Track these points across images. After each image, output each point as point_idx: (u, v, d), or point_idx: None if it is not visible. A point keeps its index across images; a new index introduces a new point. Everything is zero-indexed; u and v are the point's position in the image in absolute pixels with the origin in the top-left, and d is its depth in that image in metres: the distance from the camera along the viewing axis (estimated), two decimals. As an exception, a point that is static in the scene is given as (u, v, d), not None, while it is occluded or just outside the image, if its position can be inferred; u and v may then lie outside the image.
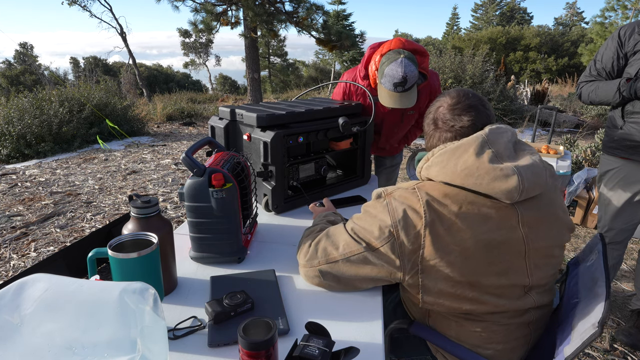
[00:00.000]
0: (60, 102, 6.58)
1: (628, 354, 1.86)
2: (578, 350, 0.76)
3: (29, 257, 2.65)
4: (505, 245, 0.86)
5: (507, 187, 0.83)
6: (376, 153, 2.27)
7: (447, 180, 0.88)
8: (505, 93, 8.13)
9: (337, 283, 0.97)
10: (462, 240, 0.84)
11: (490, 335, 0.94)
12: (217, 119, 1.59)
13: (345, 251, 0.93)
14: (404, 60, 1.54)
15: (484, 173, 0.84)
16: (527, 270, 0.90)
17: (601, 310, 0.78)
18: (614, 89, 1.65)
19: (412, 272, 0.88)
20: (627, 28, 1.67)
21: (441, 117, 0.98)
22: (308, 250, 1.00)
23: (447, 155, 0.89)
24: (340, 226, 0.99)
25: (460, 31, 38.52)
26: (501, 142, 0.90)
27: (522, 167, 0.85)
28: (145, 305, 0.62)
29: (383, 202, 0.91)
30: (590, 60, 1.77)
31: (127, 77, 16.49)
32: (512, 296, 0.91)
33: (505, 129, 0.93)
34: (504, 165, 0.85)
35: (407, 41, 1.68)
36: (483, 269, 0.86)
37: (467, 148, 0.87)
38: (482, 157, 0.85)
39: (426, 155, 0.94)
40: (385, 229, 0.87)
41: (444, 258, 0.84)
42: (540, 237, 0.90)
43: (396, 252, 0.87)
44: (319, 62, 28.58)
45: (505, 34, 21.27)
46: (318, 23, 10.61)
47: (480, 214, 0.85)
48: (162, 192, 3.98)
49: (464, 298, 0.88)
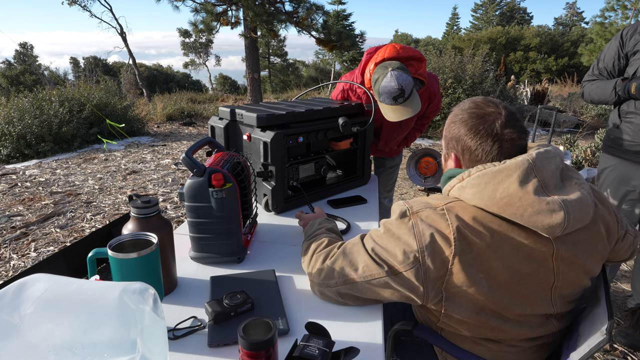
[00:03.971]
0: (60, 102, 6.58)
1: (628, 354, 1.86)
2: (585, 357, 0.76)
3: (29, 257, 2.65)
4: (533, 277, 0.81)
5: (551, 222, 0.75)
6: (376, 154, 2.27)
7: (482, 205, 0.79)
8: (505, 93, 8.13)
9: (355, 301, 0.92)
10: (490, 269, 0.79)
11: (504, 355, 0.91)
12: (217, 119, 1.59)
13: (366, 274, 0.86)
14: (393, 72, 1.52)
15: (527, 205, 0.75)
16: (551, 300, 0.85)
17: (605, 315, 0.77)
18: (611, 89, 1.67)
19: (436, 299, 0.82)
20: (630, 28, 1.69)
21: (500, 130, 0.85)
22: (322, 269, 0.94)
23: (486, 179, 0.80)
24: (359, 243, 0.91)
25: (460, 31, 38.53)
26: (548, 170, 0.80)
27: (569, 201, 0.76)
28: (145, 306, 0.62)
29: (408, 223, 0.82)
30: (594, 59, 1.80)
31: (127, 77, 16.48)
32: (534, 324, 0.87)
33: (555, 153, 0.83)
34: (551, 199, 0.76)
35: (401, 48, 1.65)
36: (508, 299, 0.81)
37: (511, 174, 0.78)
38: (526, 187, 0.76)
39: (461, 175, 0.85)
40: (411, 254, 0.80)
41: (470, 287, 0.79)
42: (572, 270, 0.83)
43: (420, 278, 0.80)
44: (319, 62, 28.59)
45: (505, 34, 21.27)
46: (318, 23, 10.60)
47: (513, 244, 0.78)
48: (162, 192, 3.98)
49: (487, 327, 0.85)
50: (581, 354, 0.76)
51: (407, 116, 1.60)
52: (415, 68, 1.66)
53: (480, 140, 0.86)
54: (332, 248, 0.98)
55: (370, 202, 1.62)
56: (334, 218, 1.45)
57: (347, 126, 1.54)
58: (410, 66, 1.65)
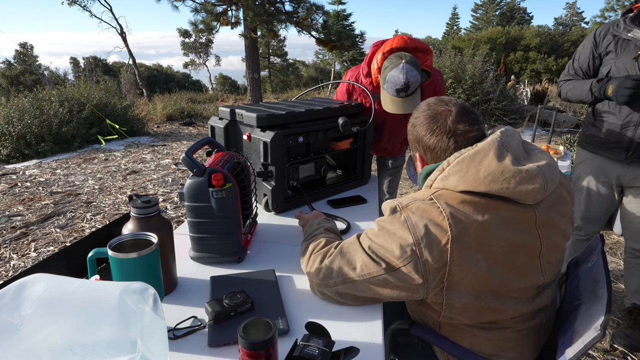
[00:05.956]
0: (60, 102, 6.58)
1: (628, 354, 1.86)
2: (580, 353, 0.76)
3: (29, 257, 2.65)
4: (523, 247, 0.85)
5: (535, 187, 0.81)
6: (378, 154, 2.26)
7: (469, 188, 0.82)
8: (505, 93, 8.13)
9: (355, 301, 0.93)
10: (487, 248, 0.81)
11: (504, 342, 0.92)
12: (217, 119, 1.59)
13: (364, 272, 0.87)
14: (406, 65, 1.53)
15: (510, 177, 0.80)
16: (541, 269, 0.89)
17: (603, 313, 0.77)
18: (587, 89, 1.73)
19: (437, 290, 0.83)
20: (603, 29, 1.73)
21: (452, 126, 0.91)
22: (321, 268, 0.94)
23: (466, 163, 0.84)
24: (355, 242, 0.92)
25: (460, 31, 38.53)
26: (515, 145, 0.87)
27: (542, 166, 0.84)
28: (145, 305, 0.62)
29: (400, 218, 0.84)
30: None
31: (127, 77, 16.48)
32: (528, 297, 0.90)
33: (514, 131, 0.91)
34: (527, 167, 0.83)
35: (409, 39, 1.67)
36: (505, 274, 0.83)
37: (487, 153, 0.83)
38: (504, 161, 0.82)
39: (440, 166, 0.88)
40: (407, 248, 0.81)
41: (470, 270, 0.80)
42: (552, 234, 0.89)
43: (420, 271, 0.81)
44: (319, 62, 28.58)
45: (505, 34, 21.27)
46: (318, 23, 10.61)
47: (503, 219, 0.82)
48: (162, 192, 3.98)
49: (487, 309, 0.86)
50: (576, 350, 0.77)
51: (401, 111, 1.62)
52: (421, 60, 1.67)
53: (437, 138, 0.93)
54: (329, 248, 0.98)
55: (370, 202, 1.62)
56: (333, 218, 1.45)
57: (347, 126, 1.54)
58: (417, 58, 1.66)
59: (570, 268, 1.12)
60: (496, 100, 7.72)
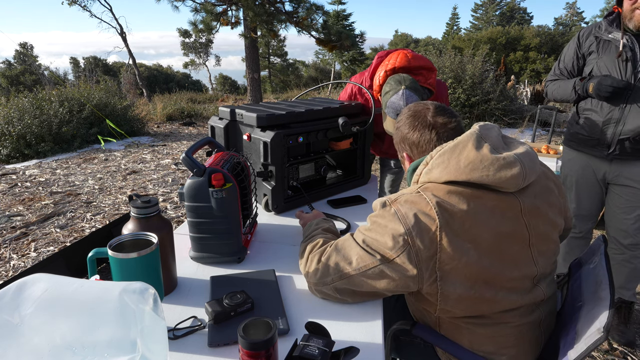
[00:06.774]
0: (60, 102, 6.58)
1: (628, 354, 1.86)
2: (583, 355, 0.76)
3: (29, 257, 2.65)
4: (512, 236, 0.88)
5: (513, 174, 0.85)
6: (380, 155, 2.27)
7: (452, 178, 0.87)
8: (505, 93, 8.13)
9: (353, 296, 0.94)
10: (475, 237, 0.84)
11: (503, 339, 0.93)
12: (217, 119, 1.59)
13: (360, 265, 0.89)
14: (405, 92, 1.52)
15: (489, 164, 0.85)
16: (532, 259, 0.91)
17: (606, 315, 0.77)
18: (571, 88, 1.78)
19: (431, 279, 0.85)
20: (586, 30, 1.81)
21: (432, 120, 1.00)
22: (318, 268, 0.95)
23: (447, 155, 0.89)
24: (349, 239, 0.94)
25: (460, 31, 38.54)
26: (493, 136, 0.93)
27: (520, 154, 0.88)
28: (145, 305, 0.62)
29: (390, 210, 0.88)
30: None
31: (127, 77, 16.49)
32: (522, 289, 0.91)
33: (493, 125, 0.97)
34: (505, 155, 0.87)
35: (413, 57, 1.64)
36: (497, 264, 0.86)
37: (466, 144, 0.89)
38: (482, 150, 0.87)
39: (424, 160, 0.94)
40: (400, 238, 0.84)
41: (461, 259, 0.83)
42: (539, 223, 0.92)
43: (413, 260, 0.83)
44: (319, 62, 28.60)
45: (505, 34, 21.26)
46: (318, 23, 10.61)
47: (488, 208, 0.86)
48: (162, 192, 3.98)
49: (482, 300, 0.88)
50: (578, 352, 0.76)
51: None
52: (425, 77, 1.66)
53: (420, 133, 1.00)
54: (325, 247, 1.00)
55: (370, 202, 1.62)
56: (333, 218, 1.45)
57: (347, 126, 1.54)
58: (420, 75, 1.65)
59: (572, 269, 1.12)
60: (496, 100, 7.72)
